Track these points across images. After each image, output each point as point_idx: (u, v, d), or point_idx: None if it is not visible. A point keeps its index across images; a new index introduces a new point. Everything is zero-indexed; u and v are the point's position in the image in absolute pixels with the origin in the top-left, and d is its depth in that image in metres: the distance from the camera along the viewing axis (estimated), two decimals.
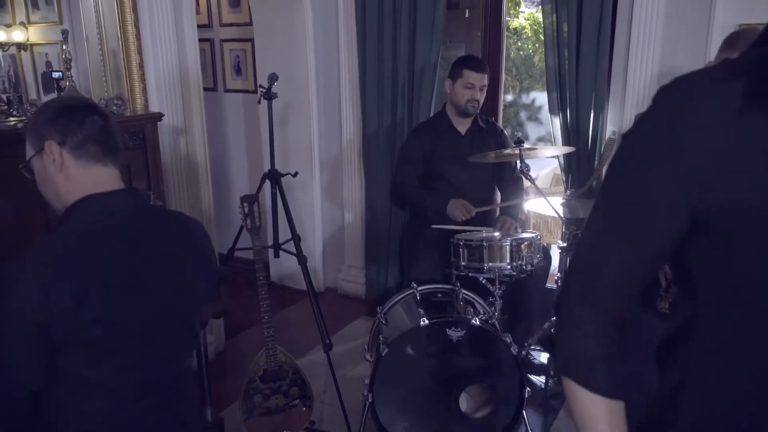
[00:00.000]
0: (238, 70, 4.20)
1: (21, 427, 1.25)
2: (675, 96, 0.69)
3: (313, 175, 3.79)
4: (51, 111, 1.28)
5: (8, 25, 3.65)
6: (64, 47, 2.41)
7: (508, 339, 2.16)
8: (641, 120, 0.72)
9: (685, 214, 0.69)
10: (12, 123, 2.24)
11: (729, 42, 1.88)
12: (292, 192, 3.81)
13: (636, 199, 0.72)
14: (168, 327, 1.32)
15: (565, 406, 2.59)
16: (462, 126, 2.95)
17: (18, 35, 3.64)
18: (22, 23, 3.63)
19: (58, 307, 1.13)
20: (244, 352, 3.19)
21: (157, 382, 1.31)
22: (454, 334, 2.17)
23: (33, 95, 3.46)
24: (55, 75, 2.69)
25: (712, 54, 2.67)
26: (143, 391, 1.29)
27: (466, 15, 3.81)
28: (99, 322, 1.17)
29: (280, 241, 2.69)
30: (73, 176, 1.27)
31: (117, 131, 1.32)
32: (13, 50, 3.67)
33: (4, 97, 2.54)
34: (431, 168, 2.95)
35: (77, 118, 1.26)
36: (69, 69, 2.37)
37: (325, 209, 3.90)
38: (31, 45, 3.66)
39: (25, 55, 3.71)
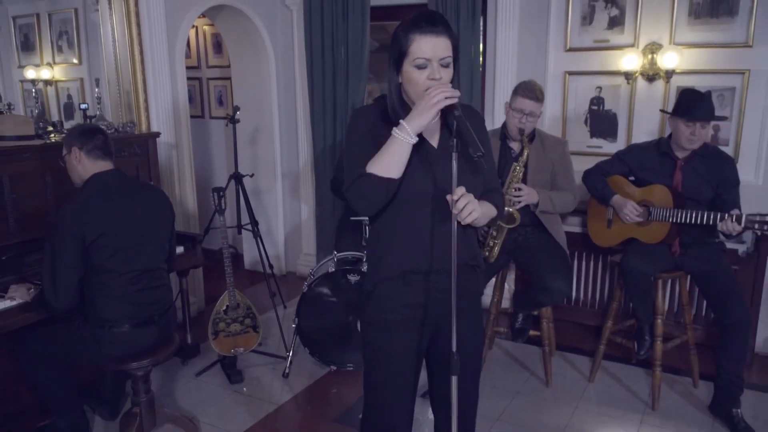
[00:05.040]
0: (220, 102, 5.35)
1: (77, 301, 2.36)
2: (357, 113, 1.76)
3: (277, 182, 4.89)
4: (77, 131, 2.48)
5: (37, 65, 4.72)
6: (95, 90, 3.53)
7: None
8: (351, 121, 1.78)
9: None
10: (54, 139, 3.33)
11: (514, 89, 3.00)
12: (260, 195, 4.92)
13: (351, 148, 1.76)
14: (147, 241, 2.48)
15: None
16: None
17: (45, 73, 4.72)
18: (48, 63, 4.69)
19: (84, 227, 2.28)
20: None
21: (146, 273, 2.47)
22: (353, 278, 3.25)
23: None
24: (83, 107, 3.77)
25: (548, 88, 3.82)
26: (139, 277, 2.44)
27: None
28: (103, 234, 2.32)
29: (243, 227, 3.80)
30: (86, 166, 2.44)
31: (111, 142, 2.50)
32: (40, 86, 4.74)
33: (51, 122, 3.63)
34: None
35: (90, 136, 2.44)
36: (99, 104, 3.49)
37: (287, 209, 5.00)
38: (56, 81, 4.73)
39: (50, 90, 4.78)
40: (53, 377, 2.57)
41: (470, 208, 1.54)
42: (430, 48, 1.56)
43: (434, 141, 1.72)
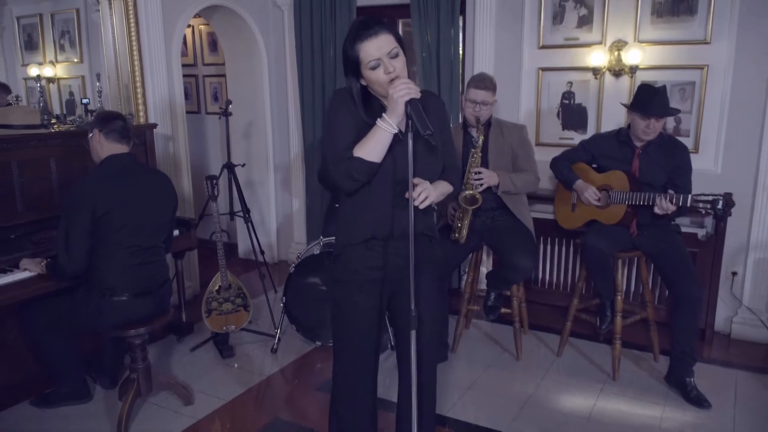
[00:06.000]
0: (215, 98, 5.58)
1: (86, 266, 2.59)
2: (336, 97, 1.97)
3: (269, 174, 5.13)
4: (100, 117, 2.72)
5: (40, 63, 4.94)
6: (97, 84, 3.77)
7: None
8: (332, 103, 2.01)
9: None
10: (57, 128, 3.55)
11: (467, 83, 3.23)
12: (254, 187, 5.16)
13: (334, 129, 1.99)
14: (149, 220, 2.71)
15: None
16: None
17: (48, 71, 4.94)
18: (51, 62, 4.92)
19: (96, 201, 2.53)
20: None
21: (146, 249, 2.71)
22: None
23: None
24: (84, 101, 4.01)
25: (523, 84, 4.05)
26: (139, 252, 2.67)
27: None
28: (112, 209, 2.56)
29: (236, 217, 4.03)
30: (104, 146, 2.68)
31: (130, 128, 2.75)
32: (43, 83, 4.96)
33: (54, 114, 3.88)
34: None
35: (109, 120, 2.69)
36: (100, 97, 3.73)
37: (279, 199, 5.23)
38: (58, 79, 4.95)
39: (52, 87, 4.99)
40: (57, 344, 2.81)
41: (424, 195, 1.83)
42: (375, 49, 1.79)
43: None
